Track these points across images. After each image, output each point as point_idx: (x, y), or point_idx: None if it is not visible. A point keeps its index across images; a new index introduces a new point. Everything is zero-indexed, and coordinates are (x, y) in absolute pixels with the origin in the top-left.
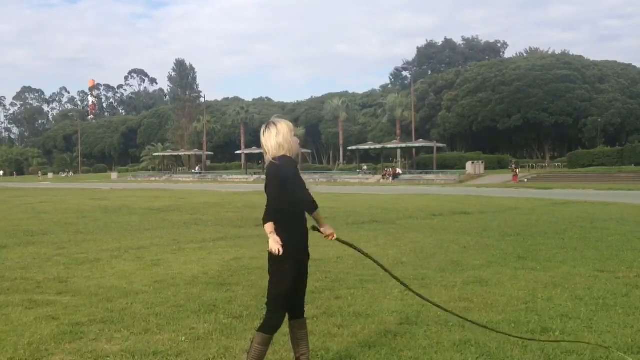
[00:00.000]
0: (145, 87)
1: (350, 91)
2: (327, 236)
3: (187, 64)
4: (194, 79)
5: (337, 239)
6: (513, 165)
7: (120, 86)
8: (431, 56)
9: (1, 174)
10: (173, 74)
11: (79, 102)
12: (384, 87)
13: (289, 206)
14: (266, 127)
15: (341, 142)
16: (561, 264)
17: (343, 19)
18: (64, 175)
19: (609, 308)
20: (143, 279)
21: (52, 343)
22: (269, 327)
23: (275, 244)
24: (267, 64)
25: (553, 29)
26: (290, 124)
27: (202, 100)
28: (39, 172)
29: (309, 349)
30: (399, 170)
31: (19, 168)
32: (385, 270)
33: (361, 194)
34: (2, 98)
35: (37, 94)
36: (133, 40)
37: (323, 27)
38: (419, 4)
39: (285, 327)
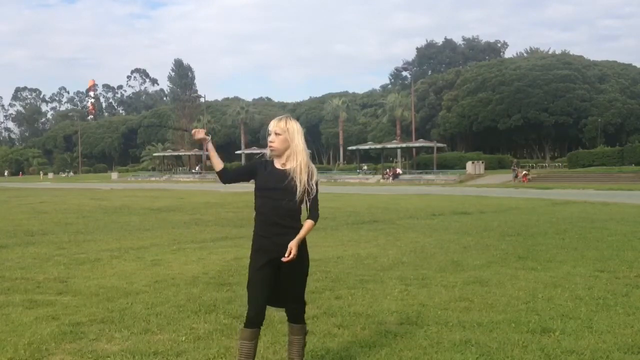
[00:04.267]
0: (146, 87)
1: (350, 91)
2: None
3: (186, 64)
4: (193, 78)
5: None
6: (514, 166)
7: (120, 86)
8: (431, 56)
9: (6, 174)
10: (173, 74)
11: (78, 102)
12: (384, 87)
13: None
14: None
15: (341, 142)
16: (561, 264)
17: (342, 19)
18: (64, 175)
19: (609, 308)
20: (143, 279)
21: (52, 343)
22: (245, 320)
23: None
24: (266, 64)
25: (551, 29)
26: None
27: (202, 100)
28: (40, 172)
29: (300, 355)
30: (399, 170)
31: (19, 168)
32: None
33: (361, 194)
34: (0, 98)
35: (36, 94)
36: (132, 41)
37: (322, 27)
38: (417, 3)
39: (285, 327)
